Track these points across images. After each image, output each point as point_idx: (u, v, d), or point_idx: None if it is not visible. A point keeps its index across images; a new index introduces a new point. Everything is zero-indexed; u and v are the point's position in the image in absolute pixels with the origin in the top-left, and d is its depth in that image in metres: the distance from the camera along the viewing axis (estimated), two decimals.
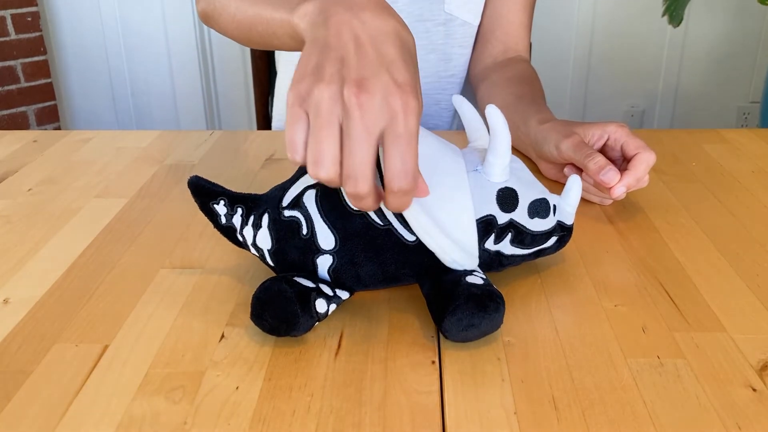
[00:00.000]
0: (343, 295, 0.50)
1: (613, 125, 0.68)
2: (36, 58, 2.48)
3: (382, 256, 0.49)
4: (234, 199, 0.52)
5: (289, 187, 0.51)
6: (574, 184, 0.54)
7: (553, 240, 0.54)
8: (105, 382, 0.44)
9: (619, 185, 0.63)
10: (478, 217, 0.50)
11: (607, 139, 0.69)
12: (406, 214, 0.48)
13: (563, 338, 0.48)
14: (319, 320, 0.48)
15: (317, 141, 0.41)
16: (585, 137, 0.69)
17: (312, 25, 0.46)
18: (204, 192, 0.52)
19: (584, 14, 2.49)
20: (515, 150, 0.81)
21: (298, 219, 0.50)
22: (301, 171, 0.52)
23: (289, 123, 0.41)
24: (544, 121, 0.74)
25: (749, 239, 0.62)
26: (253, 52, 1.23)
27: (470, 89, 1.07)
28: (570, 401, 0.42)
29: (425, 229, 0.48)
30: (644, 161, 0.64)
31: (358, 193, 0.41)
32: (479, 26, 0.99)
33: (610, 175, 0.63)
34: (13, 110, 2.46)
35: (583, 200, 0.69)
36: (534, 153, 0.76)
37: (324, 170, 0.41)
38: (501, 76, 0.92)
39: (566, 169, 0.70)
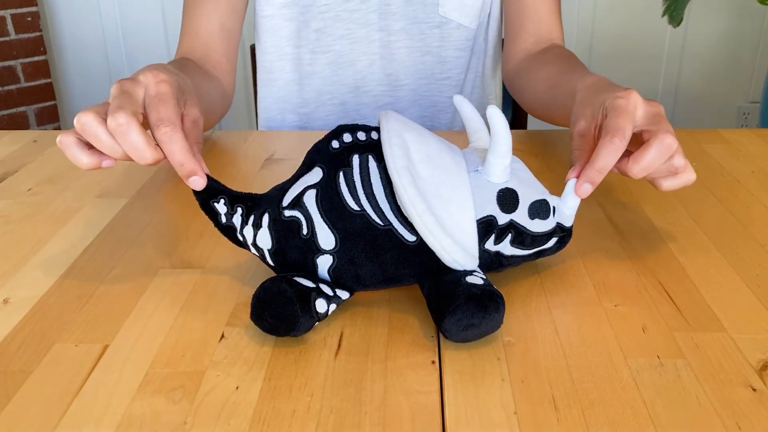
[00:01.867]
0: (343, 295, 0.50)
1: (611, 97, 0.57)
2: (36, 58, 2.48)
3: (382, 257, 0.49)
4: (234, 199, 0.52)
5: (289, 187, 0.51)
6: (574, 189, 0.54)
7: (553, 241, 0.54)
8: (105, 382, 0.44)
9: (578, 183, 0.54)
10: (479, 217, 0.50)
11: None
12: (411, 213, 0.48)
13: (563, 338, 0.48)
14: (319, 320, 0.48)
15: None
16: (594, 118, 0.59)
17: None
18: (205, 189, 0.52)
19: (584, 14, 2.49)
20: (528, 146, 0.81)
21: (299, 219, 0.50)
22: (302, 171, 0.52)
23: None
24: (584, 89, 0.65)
25: (749, 239, 0.62)
26: (253, 53, 1.23)
27: (479, 90, 1.07)
28: (570, 401, 0.42)
29: (429, 229, 0.48)
30: (603, 148, 0.53)
31: (118, 122, 0.50)
32: (506, 24, 0.98)
33: (569, 183, 0.55)
34: (13, 110, 2.46)
35: (583, 201, 0.69)
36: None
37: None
38: (537, 63, 0.90)
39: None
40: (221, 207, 0.52)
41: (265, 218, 0.51)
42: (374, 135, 0.52)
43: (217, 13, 0.91)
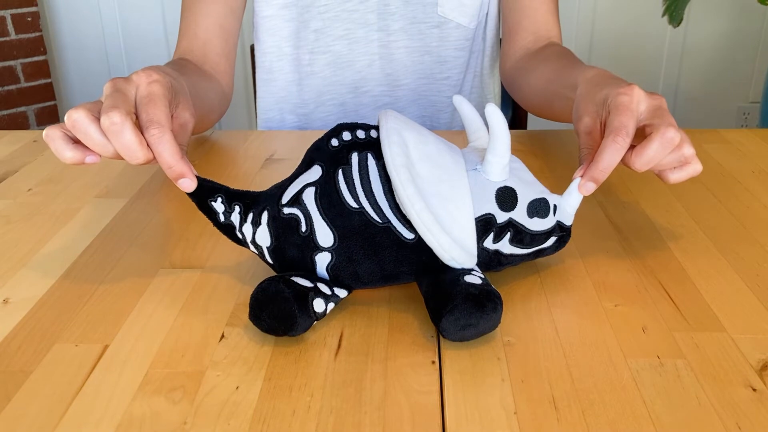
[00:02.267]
0: (341, 293, 0.50)
1: (613, 94, 0.57)
2: (36, 58, 2.48)
3: (380, 254, 0.49)
4: (231, 196, 0.52)
5: (288, 185, 0.51)
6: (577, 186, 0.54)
7: (552, 240, 0.54)
8: (105, 382, 0.44)
9: (581, 182, 0.54)
10: (477, 215, 0.50)
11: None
12: (409, 211, 0.48)
13: (563, 338, 0.48)
14: (317, 319, 0.48)
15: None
16: (598, 115, 0.59)
17: None
18: (201, 189, 0.52)
19: (584, 15, 2.49)
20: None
21: (297, 216, 0.50)
22: (301, 169, 0.52)
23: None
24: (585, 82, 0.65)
25: (749, 239, 0.62)
26: (253, 53, 1.23)
27: (478, 90, 1.07)
28: (570, 401, 0.42)
29: (427, 226, 0.48)
30: (607, 147, 0.54)
31: (112, 121, 0.50)
32: (504, 23, 0.98)
33: (574, 182, 0.55)
34: (13, 110, 2.46)
35: (583, 200, 0.69)
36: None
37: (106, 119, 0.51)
38: (536, 60, 0.90)
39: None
40: (219, 206, 0.52)
41: (264, 216, 0.51)
42: (373, 133, 0.52)
43: (215, 13, 0.92)
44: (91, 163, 0.53)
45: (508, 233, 0.51)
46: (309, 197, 0.50)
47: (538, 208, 0.52)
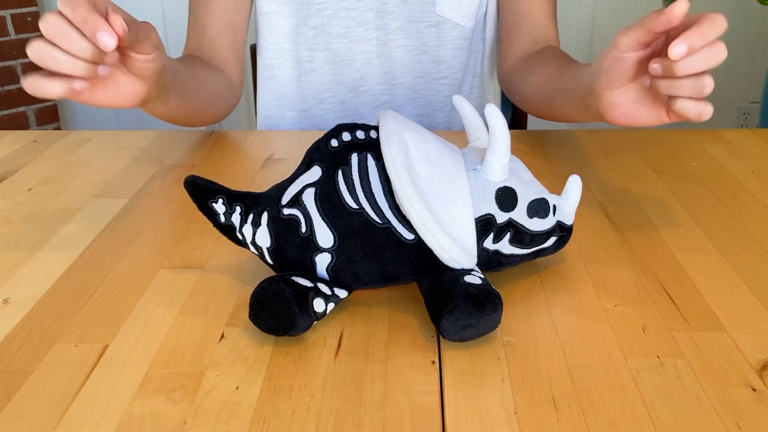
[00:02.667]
0: (342, 293, 0.50)
1: (654, 13, 0.57)
2: None
3: (380, 255, 0.49)
4: (232, 197, 0.52)
5: (288, 186, 0.51)
6: (575, 185, 0.54)
7: (552, 240, 0.54)
8: (105, 382, 0.44)
9: (679, 41, 0.53)
10: (477, 215, 0.50)
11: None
12: (409, 211, 0.48)
13: (563, 338, 0.48)
14: (317, 319, 0.48)
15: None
16: (635, 39, 0.60)
17: None
18: (202, 191, 0.52)
19: (584, 14, 2.49)
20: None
21: (297, 217, 0.50)
22: (301, 169, 0.52)
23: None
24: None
25: (749, 239, 0.62)
26: (252, 53, 1.23)
27: (478, 90, 1.07)
28: (570, 401, 0.42)
29: (427, 227, 0.48)
30: (707, 19, 0.53)
31: (47, 22, 0.52)
32: (502, 25, 0.98)
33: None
34: (13, 110, 2.46)
35: (583, 200, 0.69)
36: (598, 94, 0.65)
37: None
38: (535, 61, 0.90)
39: (652, 64, 0.58)
40: (219, 207, 0.52)
41: (264, 217, 0.51)
42: (373, 134, 0.52)
43: (223, 10, 0.93)
44: (80, 90, 0.54)
45: (508, 233, 0.51)
46: (309, 198, 0.50)
47: (538, 208, 0.52)
